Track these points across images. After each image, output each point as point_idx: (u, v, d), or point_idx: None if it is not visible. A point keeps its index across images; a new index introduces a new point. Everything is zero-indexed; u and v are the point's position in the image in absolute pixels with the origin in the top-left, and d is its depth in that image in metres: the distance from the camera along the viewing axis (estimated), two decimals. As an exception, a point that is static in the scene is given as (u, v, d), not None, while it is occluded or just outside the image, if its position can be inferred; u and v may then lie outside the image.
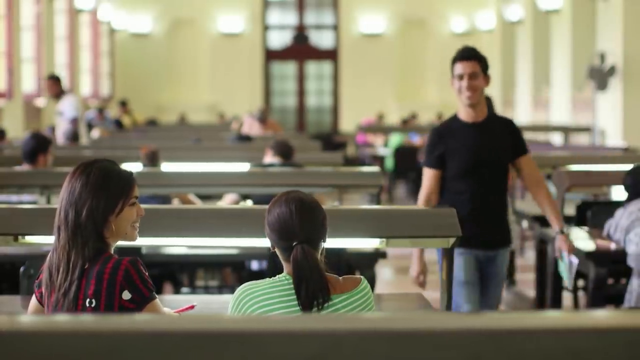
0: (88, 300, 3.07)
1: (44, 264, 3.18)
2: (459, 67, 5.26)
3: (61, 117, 12.15)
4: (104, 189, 3.14)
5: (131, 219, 3.20)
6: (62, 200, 3.15)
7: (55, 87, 12.38)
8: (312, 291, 3.14)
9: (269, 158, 7.43)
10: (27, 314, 3.36)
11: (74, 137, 11.18)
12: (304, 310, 3.14)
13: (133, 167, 6.65)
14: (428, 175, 5.39)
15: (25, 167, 6.98)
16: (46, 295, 3.16)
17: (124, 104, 19.78)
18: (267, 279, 3.25)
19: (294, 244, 3.17)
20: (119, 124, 16.84)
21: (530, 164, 5.48)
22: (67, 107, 12.16)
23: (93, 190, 3.13)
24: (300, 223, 3.18)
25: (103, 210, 3.13)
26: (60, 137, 11.87)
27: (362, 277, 3.32)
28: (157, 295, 3.16)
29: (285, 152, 7.37)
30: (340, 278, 3.26)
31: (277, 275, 3.24)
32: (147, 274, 3.13)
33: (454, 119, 5.43)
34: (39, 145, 7.09)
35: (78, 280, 3.07)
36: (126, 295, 3.07)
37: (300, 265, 3.15)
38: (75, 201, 3.12)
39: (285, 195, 3.27)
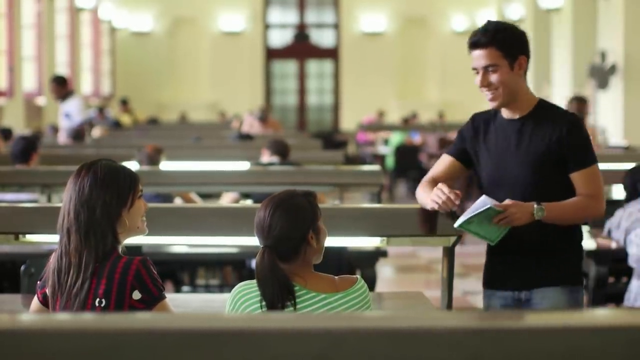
0: (98, 300, 3.08)
1: (48, 266, 3.18)
2: (473, 58, 3.87)
3: (68, 119, 12.09)
4: (114, 184, 3.17)
5: (141, 212, 3.24)
6: (69, 201, 3.15)
7: (60, 90, 12.23)
8: (269, 295, 3.16)
9: (266, 157, 7.45)
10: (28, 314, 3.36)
11: (77, 135, 11.19)
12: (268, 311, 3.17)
13: (133, 165, 6.66)
14: (440, 161, 4.06)
15: (18, 167, 6.96)
16: (52, 297, 3.15)
17: (124, 103, 19.78)
18: None
19: (261, 246, 3.20)
20: (117, 124, 16.85)
21: (583, 181, 3.87)
22: (74, 110, 12.06)
23: (104, 186, 3.15)
24: (269, 226, 3.20)
25: (116, 204, 3.15)
26: (63, 137, 11.86)
27: (358, 277, 3.32)
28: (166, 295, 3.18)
29: (282, 150, 7.41)
30: (337, 278, 3.27)
31: None
32: (157, 274, 3.15)
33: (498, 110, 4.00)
34: (30, 144, 7.11)
35: (89, 280, 3.08)
36: (136, 295, 3.08)
37: (258, 268, 3.19)
38: (86, 200, 3.13)
39: (271, 196, 3.29)
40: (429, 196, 3.80)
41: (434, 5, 23.96)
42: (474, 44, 3.83)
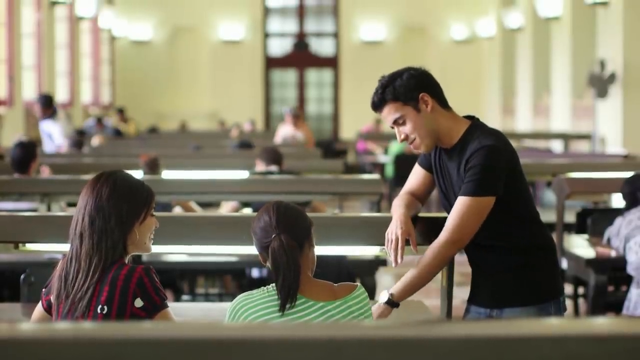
0: (100, 306, 3.10)
1: (56, 271, 3.21)
2: (383, 119, 3.84)
3: (50, 140, 11.89)
4: (132, 196, 3.22)
5: (151, 229, 3.29)
6: (85, 206, 3.20)
7: (45, 111, 11.79)
8: (288, 281, 3.15)
9: (261, 167, 7.42)
10: (31, 321, 3.37)
11: (77, 144, 11.17)
12: (281, 305, 3.15)
13: (138, 174, 6.66)
14: (413, 172, 4.01)
15: (16, 177, 6.92)
16: (56, 303, 3.17)
17: (121, 112, 19.73)
18: (262, 288, 3.26)
19: (272, 236, 3.20)
20: (118, 132, 16.81)
21: (456, 209, 3.67)
22: (56, 133, 11.75)
23: (121, 196, 3.19)
24: (277, 219, 3.22)
25: (131, 216, 3.20)
26: (48, 148, 11.71)
27: (358, 284, 3.32)
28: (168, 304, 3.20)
29: (277, 158, 7.39)
30: (336, 285, 3.27)
31: (271, 284, 3.25)
32: (159, 282, 3.17)
33: None
34: (29, 153, 7.06)
35: (94, 285, 3.10)
36: (138, 302, 3.11)
37: (278, 253, 3.17)
38: (102, 207, 3.17)
39: (266, 204, 3.31)
40: (395, 215, 3.78)
41: (434, 14, 23.99)
42: (373, 108, 3.79)
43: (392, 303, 3.68)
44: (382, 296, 3.71)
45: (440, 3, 24.01)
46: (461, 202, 3.64)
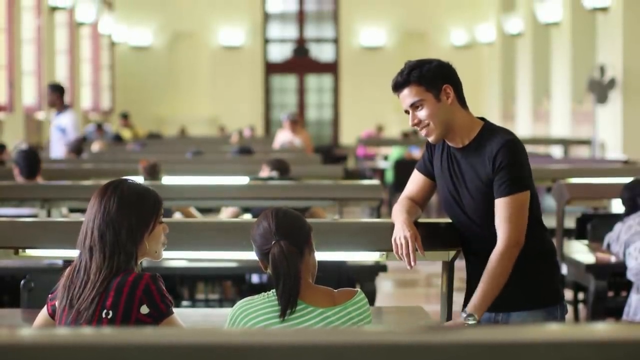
0: (105, 311, 3.10)
1: (62, 279, 3.19)
2: (400, 102, 3.80)
3: (62, 134, 11.78)
4: (140, 206, 3.19)
5: (160, 237, 3.26)
6: (93, 220, 3.16)
7: (59, 100, 11.55)
8: (288, 287, 3.15)
9: (265, 173, 7.42)
10: (33, 326, 3.37)
11: (77, 149, 11.14)
12: (281, 312, 3.15)
13: (139, 180, 6.65)
14: (412, 177, 4.01)
15: (24, 182, 6.94)
16: (60, 310, 3.16)
17: (125, 117, 19.73)
18: (262, 294, 3.26)
19: (272, 242, 3.19)
20: (118, 138, 16.79)
21: (499, 211, 3.67)
22: (70, 126, 11.61)
23: (130, 207, 3.16)
24: (276, 225, 3.21)
25: (140, 227, 3.17)
26: (56, 150, 11.70)
27: (358, 289, 3.31)
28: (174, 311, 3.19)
29: (282, 167, 7.37)
30: (336, 291, 3.26)
31: (272, 290, 3.25)
32: (165, 290, 3.17)
33: None
34: (36, 160, 7.09)
35: (100, 294, 3.10)
36: (144, 309, 3.10)
37: (278, 259, 3.17)
38: (112, 220, 3.14)
39: (265, 210, 3.31)
40: (398, 220, 3.77)
41: (434, 19, 24.00)
42: (394, 88, 3.76)
43: (472, 319, 3.63)
44: (470, 321, 3.61)
45: (440, 8, 24.02)
46: (505, 204, 3.65)
